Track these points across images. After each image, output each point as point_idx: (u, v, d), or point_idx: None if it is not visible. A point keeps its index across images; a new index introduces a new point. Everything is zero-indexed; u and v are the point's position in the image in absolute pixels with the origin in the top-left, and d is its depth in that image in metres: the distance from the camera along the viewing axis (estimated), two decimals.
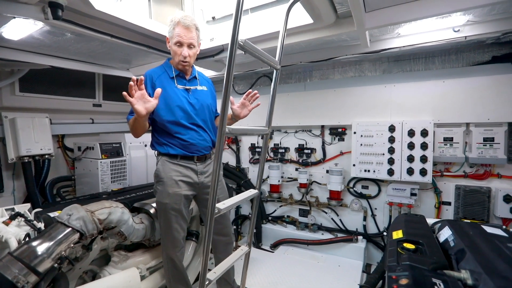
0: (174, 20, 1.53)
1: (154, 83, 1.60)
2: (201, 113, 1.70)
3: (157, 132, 1.69)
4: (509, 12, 1.65)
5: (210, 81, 1.88)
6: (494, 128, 2.19)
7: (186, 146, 1.64)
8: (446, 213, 2.41)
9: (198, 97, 1.70)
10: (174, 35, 1.54)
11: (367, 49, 2.09)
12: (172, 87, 1.63)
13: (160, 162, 1.68)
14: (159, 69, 1.67)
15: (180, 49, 1.56)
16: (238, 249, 1.40)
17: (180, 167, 1.65)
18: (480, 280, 1.01)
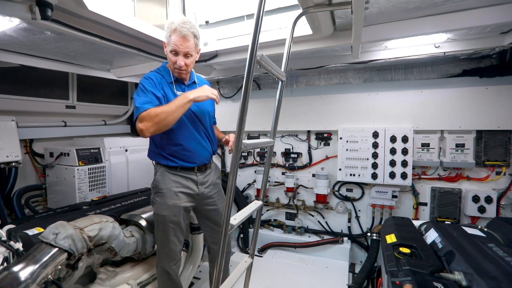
0: (171, 27, 1.45)
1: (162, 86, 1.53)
2: (202, 120, 1.64)
3: (157, 141, 1.60)
4: (482, 33, 1.83)
5: (209, 84, 1.81)
6: (465, 135, 2.41)
7: (187, 156, 1.58)
8: (423, 213, 2.60)
9: (199, 104, 1.60)
10: (170, 42, 1.47)
11: (355, 60, 2.18)
12: (172, 93, 1.56)
13: (159, 172, 1.60)
14: (157, 73, 1.58)
15: (175, 58, 1.49)
16: (242, 261, 1.39)
17: (180, 177, 1.59)
18: (473, 281, 1.10)
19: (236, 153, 0.95)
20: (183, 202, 1.58)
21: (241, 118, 0.94)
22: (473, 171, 2.46)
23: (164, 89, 1.53)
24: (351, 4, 1.14)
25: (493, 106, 2.29)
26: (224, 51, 2.09)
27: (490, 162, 2.37)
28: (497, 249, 1.33)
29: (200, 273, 2.57)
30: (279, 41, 1.72)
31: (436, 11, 1.48)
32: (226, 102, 3.30)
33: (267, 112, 2.99)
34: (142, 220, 1.83)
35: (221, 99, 3.24)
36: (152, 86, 1.48)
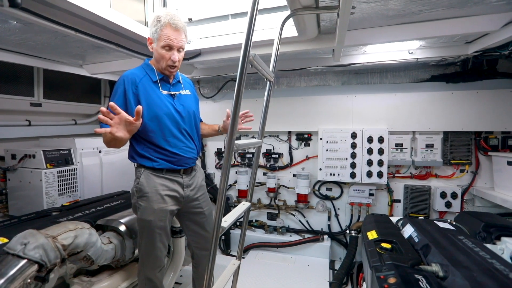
0: (163, 21, 1.37)
1: (137, 87, 1.42)
2: (188, 121, 1.57)
3: (139, 143, 1.50)
4: (450, 42, 1.99)
5: (191, 82, 1.75)
6: (433, 136, 2.59)
7: (173, 159, 1.51)
8: (397, 209, 2.75)
9: (184, 103, 1.56)
10: (161, 37, 1.38)
11: (336, 62, 2.25)
12: (156, 93, 1.47)
13: (143, 175, 1.49)
14: (139, 71, 1.48)
15: (169, 53, 1.42)
16: (230, 264, 1.36)
17: (166, 180, 1.51)
18: (448, 271, 1.18)
19: (229, 153, 0.93)
20: (169, 206, 1.51)
21: (234, 118, 0.92)
22: (440, 169, 2.65)
23: (146, 88, 1.44)
24: (338, 8, 1.17)
25: (457, 109, 2.49)
26: (207, 50, 2.05)
27: (455, 161, 2.57)
28: (466, 241, 1.44)
29: (181, 277, 2.49)
30: (266, 42, 1.72)
31: (412, 19, 1.57)
32: (206, 102, 3.25)
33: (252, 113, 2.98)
34: (121, 225, 1.73)
35: (201, 99, 3.18)
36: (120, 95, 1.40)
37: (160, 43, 1.40)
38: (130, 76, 1.43)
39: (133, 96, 1.42)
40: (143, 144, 1.49)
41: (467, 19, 1.56)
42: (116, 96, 1.41)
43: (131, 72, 1.46)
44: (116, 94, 1.41)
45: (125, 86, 1.41)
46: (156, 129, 1.45)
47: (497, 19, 1.48)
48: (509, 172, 2.22)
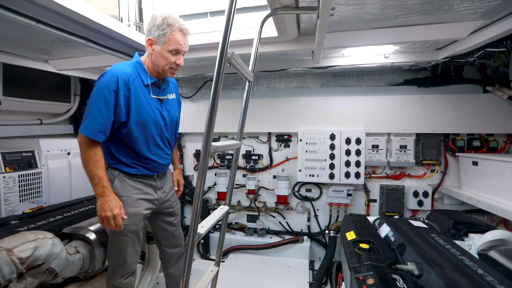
0: (174, 26, 1.34)
1: (129, 89, 1.36)
2: (170, 128, 1.56)
3: (117, 146, 1.43)
4: (422, 48, 2.09)
5: (177, 83, 1.72)
6: (407, 138, 2.70)
7: (150, 166, 1.49)
8: (373, 209, 2.83)
9: (170, 109, 1.54)
10: (170, 41, 1.35)
11: (315, 64, 2.27)
12: (146, 98, 1.41)
13: (117, 178, 1.43)
14: (132, 71, 1.40)
15: (175, 57, 1.40)
16: (208, 270, 1.31)
17: (139, 184, 1.48)
18: (423, 269, 1.22)
19: (205, 156, 0.89)
20: (143, 209, 1.48)
21: (210, 119, 0.88)
22: (413, 169, 2.77)
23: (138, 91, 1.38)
24: (317, 9, 1.17)
25: (428, 112, 2.62)
26: None
27: (426, 161, 2.69)
28: (438, 239, 1.50)
29: (157, 285, 2.38)
30: (245, 41, 1.69)
31: (388, 24, 1.62)
32: (184, 103, 3.14)
33: (227, 113, 2.94)
34: (90, 233, 1.61)
35: None
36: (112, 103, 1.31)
37: (168, 47, 1.37)
38: (124, 76, 1.34)
39: (124, 98, 1.34)
40: (121, 148, 1.43)
41: (438, 26, 1.63)
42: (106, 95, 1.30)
43: (123, 70, 1.36)
44: (107, 93, 1.30)
45: (119, 85, 1.32)
46: (140, 136, 1.41)
47: (465, 27, 1.56)
48: (474, 172, 2.36)
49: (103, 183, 1.31)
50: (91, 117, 1.28)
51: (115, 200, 1.33)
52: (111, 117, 1.31)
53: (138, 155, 1.44)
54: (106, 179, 1.33)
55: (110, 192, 1.33)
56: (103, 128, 1.30)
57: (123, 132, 1.38)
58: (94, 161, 1.30)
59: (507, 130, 2.46)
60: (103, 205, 1.30)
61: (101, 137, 1.31)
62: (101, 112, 1.28)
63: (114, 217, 1.31)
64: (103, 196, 1.31)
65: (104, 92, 1.29)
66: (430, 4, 1.35)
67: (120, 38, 1.79)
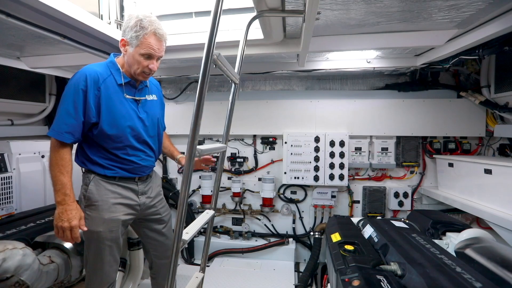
0: (148, 29, 1.28)
1: (99, 89, 1.29)
2: (151, 130, 1.48)
3: (92, 147, 1.37)
4: (402, 54, 2.17)
5: (158, 84, 1.65)
6: (388, 140, 2.78)
7: (129, 167, 1.41)
8: (356, 210, 2.90)
9: (148, 110, 1.47)
10: (143, 44, 1.29)
11: (300, 68, 2.30)
12: (120, 98, 1.35)
13: (93, 181, 1.36)
14: (103, 70, 1.34)
15: (148, 62, 1.33)
16: (193, 277, 1.27)
17: (118, 187, 1.40)
18: (405, 269, 1.25)
19: (190, 160, 0.86)
20: (121, 215, 1.39)
21: (196, 121, 0.86)
22: (394, 171, 2.86)
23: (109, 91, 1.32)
24: (303, 13, 1.17)
25: (408, 116, 2.72)
26: (169, 48, 1.91)
27: (406, 163, 2.79)
28: (419, 238, 1.55)
29: None
30: (231, 43, 1.67)
31: (370, 30, 1.66)
32: (168, 104, 3.05)
33: (211, 115, 2.90)
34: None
35: None
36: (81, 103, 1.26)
37: (140, 50, 1.31)
38: (93, 74, 1.29)
39: (94, 98, 1.28)
40: (96, 149, 1.36)
41: (417, 33, 1.69)
42: (75, 95, 1.25)
43: (93, 70, 1.31)
44: (75, 93, 1.25)
45: (87, 84, 1.26)
46: (114, 137, 1.34)
47: (442, 35, 1.64)
48: (450, 173, 2.47)
49: (66, 190, 1.23)
50: (59, 117, 1.24)
51: (75, 210, 1.25)
52: (80, 118, 1.26)
53: (113, 155, 1.37)
54: (70, 186, 1.25)
55: (71, 201, 1.25)
56: (71, 129, 1.25)
57: (95, 133, 1.32)
58: (59, 166, 1.23)
59: (479, 133, 2.61)
60: (61, 214, 1.22)
61: (68, 138, 1.25)
62: (68, 113, 1.24)
63: (71, 228, 1.23)
64: (62, 205, 1.23)
65: (72, 92, 1.25)
66: (410, 12, 1.40)
67: (100, 36, 1.72)
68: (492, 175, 1.98)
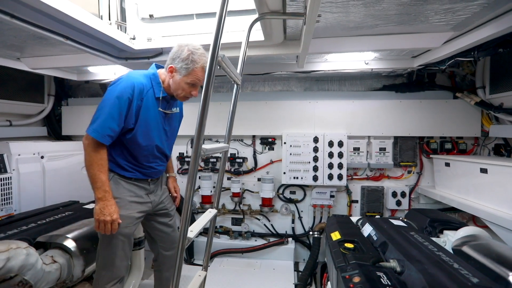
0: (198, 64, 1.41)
1: (142, 100, 1.41)
2: (171, 139, 1.65)
3: (117, 151, 1.48)
4: (400, 55, 2.21)
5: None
6: (386, 140, 2.82)
7: (146, 171, 1.54)
8: (355, 209, 2.93)
9: (171, 123, 1.61)
10: (191, 75, 1.42)
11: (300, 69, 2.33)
12: (155, 111, 1.48)
13: (112, 180, 1.46)
14: (147, 82, 1.45)
15: (191, 89, 1.48)
16: (196, 275, 1.29)
17: (133, 186, 1.51)
18: (404, 266, 1.28)
19: (195, 159, 0.88)
20: (135, 213, 1.49)
21: (201, 122, 0.88)
22: (391, 171, 2.90)
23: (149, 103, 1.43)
24: (304, 16, 1.20)
25: (405, 116, 2.76)
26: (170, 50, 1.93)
27: (403, 163, 2.83)
28: (417, 236, 1.58)
29: None
30: (233, 44, 1.69)
31: (369, 32, 1.69)
32: None
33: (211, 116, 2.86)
34: (68, 241, 1.53)
35: None
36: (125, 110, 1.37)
37: (187, 79, 1.43)
38: (139, 85, 1.40)
39: (136, 107, 1.40)
40: (120, 151, 1.48)
41: (414, 35, 1.73)
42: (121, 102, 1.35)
43: (140, 81, 1.41)
44: (122, 100, 1.35)
45: (134, 94, 1.38)
46: (143, 144, 1.47)
47: (438, 37, 1.67)
48: (446, 172, 2.51)
49: (105, 187, 1.34)
50: (103, 120, 1.32)
51: (114, 206, 1.36)
52: (121, 124, 1.37)
53: (137, 161, 1.48)
54: (108, 184, 1.37)
55: (110, 197, 1.36)
56: (112, 133, 1.35)
57: (127, 138, 1.43)
58: (99, 165, 1.34)
59: (475, 133, 2.66)
60: (103, 209, 1.32)
61: (108, 141, 1.36)
62: (113, 117, 1.33)
63: (112, 221, 1.33)
64: (103, 200, 1.33)
65: (119, 99, 1.34)
66: (407, 15, 1.44)
67: (101, 37, 1.73)
68: (487, 174, 2.02)
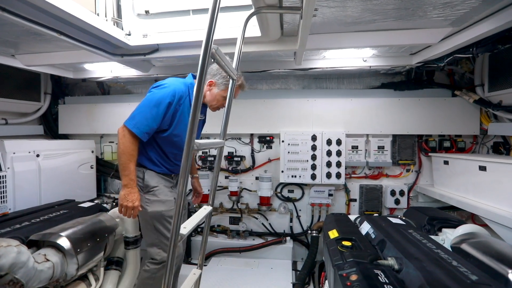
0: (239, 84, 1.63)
1: (180, 105, 1.58)
2: None
3: (152, 148, 1.65)
4: (398, 52, 2.19)
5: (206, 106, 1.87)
6: (384, 139, 2.80)
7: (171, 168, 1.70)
8: (353, 208, 2.91)
9: (198, 128, 1.79)
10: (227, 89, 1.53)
11: (298, 66, 2.31)
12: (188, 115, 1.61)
13: (147, 173, 1.65)
14: (185, 89, 1.61)
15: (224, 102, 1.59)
16: (190, 273, 1.26)
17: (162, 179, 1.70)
18: (403, 264, 1.26)
19: (188, 154, 0.86)
20: (173, 198, 1.69)
21: (194, 114, 0.86)
22: (390, 169, 2.88)
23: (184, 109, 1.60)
24: (301, 10, 1.18)
25: (404, 114, 2.74)
26: (166, 46, 1.93)
27: (402, 161, 2.82)
28: (415, 234, 1.56)
29: None
30: (229, 40, 1.67)
31: (366, 28, 1.68)
32: None
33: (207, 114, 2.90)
34: (62, 239, 1.50)
35: None
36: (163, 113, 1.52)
37: (224, 94, 1.62)
38: (180, 92, 1.57)
39: (174, 110, 1.56)
40: (153, 148, 1.64)
41: (412, 31, 1.71)
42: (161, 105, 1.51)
43: (180, 88, 1.58)
44: (163, 103, 1.51)
45: (174, 99, 1.54)
46: (177, 145, 1.65)
47: (436, 33, 1.66)
48: (445, 171, 2.50)
49: (132, 176, 1.50)
50: (144, 118, 1.48)
51: (137, 194, 1.52)
52: (158, 124, 1.53)
53: (167, 157, 1.66)
54: (135, 173, 1.53)
55: (135, 185, 1.52)
56: (150, 131, 1.52)
57: (162, 136, 1.60)
58: (131, 155, 1.49)
59: (473, 131, 2.64)
60: (127, 195, 1.49)
61: (146, 138, 1.53)
62: (153, 117, 1.49)
63: (134, 208, 1.50)
64: (128, 188, 1.49)
65: (162, 102, 1.50)
66: (405, 9, 1.42)
67: (96, 33, 1.71)
68: (486, 172, 2.00)
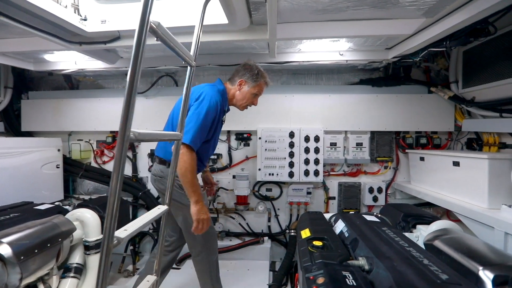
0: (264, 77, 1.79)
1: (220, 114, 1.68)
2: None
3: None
4: (374, 46, 2.14)
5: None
6: (362, 135, 2.77)
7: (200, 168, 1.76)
8: (332, 206, 2.86)
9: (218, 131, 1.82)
10: (257, 88, 1.80)
11: (272, 59, 2.22)
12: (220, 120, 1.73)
13: None
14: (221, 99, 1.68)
15: (254, 99, 1.86)
16: (144, 280, 1.13)
17: None
18: (373, 264, 1.19)
19: (122, 142, 0.73)
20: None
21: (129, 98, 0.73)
22: (368, 166, 2.85)
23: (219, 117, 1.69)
24: None
25: (381, 111, 2.72)
26: (129, 33, 1.78)
27: (380, 158, 2.79)
28: (389, 232, 1.50)
29: None
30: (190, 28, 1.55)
31: (340, 17, 1.61)
32: (137, 99, 2.89)
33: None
34: (2, 246, 1.33)
35: None
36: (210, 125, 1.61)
37: (254, 90, 1.79)
38: (220, 105, 1.66)
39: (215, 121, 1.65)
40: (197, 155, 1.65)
41: (386, 22, 1.66)
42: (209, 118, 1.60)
43: (220, 100, 1.66)
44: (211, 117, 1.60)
45: (218, 112, 1.64)
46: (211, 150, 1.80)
47: (410, 23, 1.62)
48: (421, 167, 2.49)
49: (199, 190, 1.55)
50: (197, 133, 1.53)
51: (206, 206, 1.61)
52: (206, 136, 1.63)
53: (201, 161, 1.74)
54: (200, 187, 1.57)
55: (202, 199, 1.56)
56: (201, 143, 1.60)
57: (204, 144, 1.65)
58: (194, 172, 1.53)
59: (448, 128, 2.65)
60: (201, 209, 1.55)
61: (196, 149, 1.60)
62: (204, 131, 1.57)
63: (208, 219, 1.58)
64: (199, 202, 1.54)
65: (209, 116, 1.59)
66: None
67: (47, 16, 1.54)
68: (460, 167, 1.99)
